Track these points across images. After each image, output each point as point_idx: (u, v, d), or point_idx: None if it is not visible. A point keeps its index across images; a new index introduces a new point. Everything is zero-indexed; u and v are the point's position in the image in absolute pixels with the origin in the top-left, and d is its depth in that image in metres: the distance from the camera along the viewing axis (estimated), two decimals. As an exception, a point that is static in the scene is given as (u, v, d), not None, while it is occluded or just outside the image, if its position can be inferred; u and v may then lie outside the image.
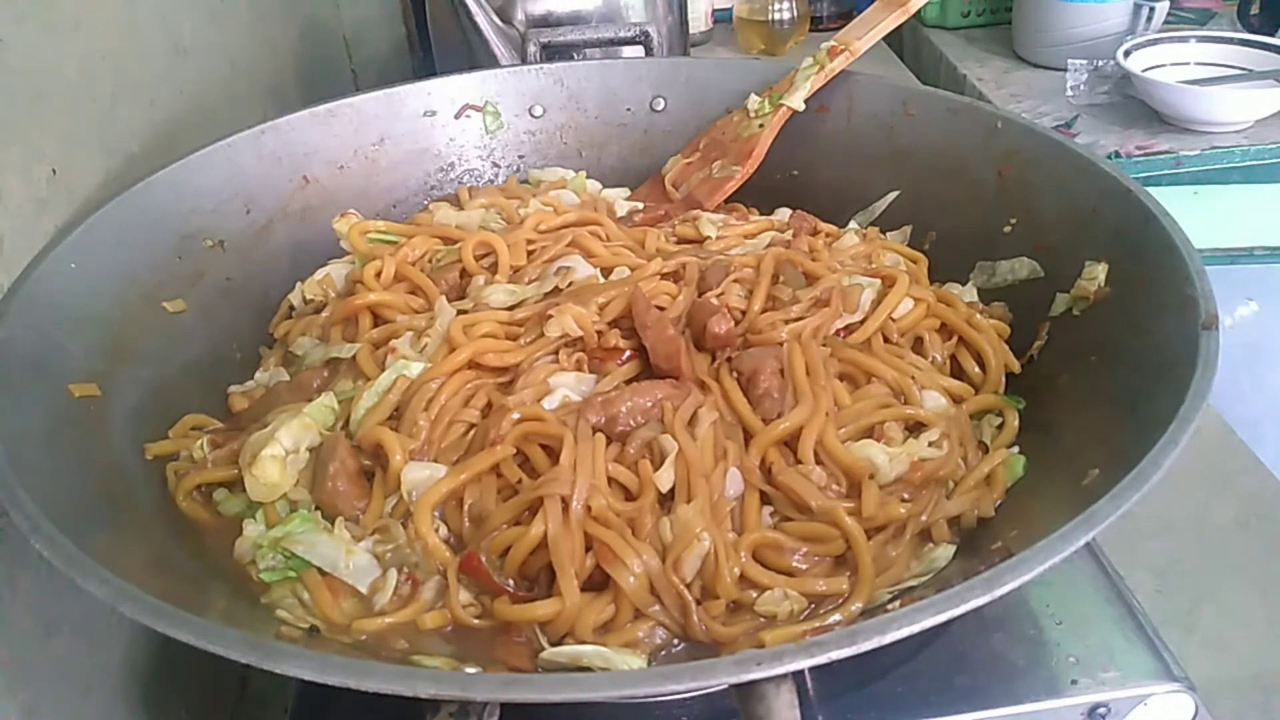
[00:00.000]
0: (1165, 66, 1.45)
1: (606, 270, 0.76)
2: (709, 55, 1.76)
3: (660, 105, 0.99)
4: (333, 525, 0.60)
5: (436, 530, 0.60)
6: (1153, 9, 1.55)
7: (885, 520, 0.60)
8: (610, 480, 0.60)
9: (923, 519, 0.60)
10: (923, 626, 0.41)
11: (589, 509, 0.57)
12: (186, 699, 0.74)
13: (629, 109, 0.99)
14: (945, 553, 0.60)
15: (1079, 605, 0.64)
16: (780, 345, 0.68)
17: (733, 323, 0.69)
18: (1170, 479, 0.47)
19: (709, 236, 0.84)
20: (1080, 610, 0.63)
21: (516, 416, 0.63)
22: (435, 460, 0.63)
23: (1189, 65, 1.46)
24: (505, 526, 0.59)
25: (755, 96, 0.94)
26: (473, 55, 1.10)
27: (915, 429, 0.66)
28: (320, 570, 0.58)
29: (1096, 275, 0.68)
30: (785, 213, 0.91)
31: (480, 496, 0.61)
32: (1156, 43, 1.47)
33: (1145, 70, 1.40)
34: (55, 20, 0.74)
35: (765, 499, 0.62)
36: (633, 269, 0.76)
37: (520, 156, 1.00)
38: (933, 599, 0.42)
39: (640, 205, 0.93)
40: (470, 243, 0.78)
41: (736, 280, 0.74)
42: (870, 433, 0.65)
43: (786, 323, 0.70)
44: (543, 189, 0.93)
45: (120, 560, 0.49)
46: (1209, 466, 0.89)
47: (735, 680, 0.41)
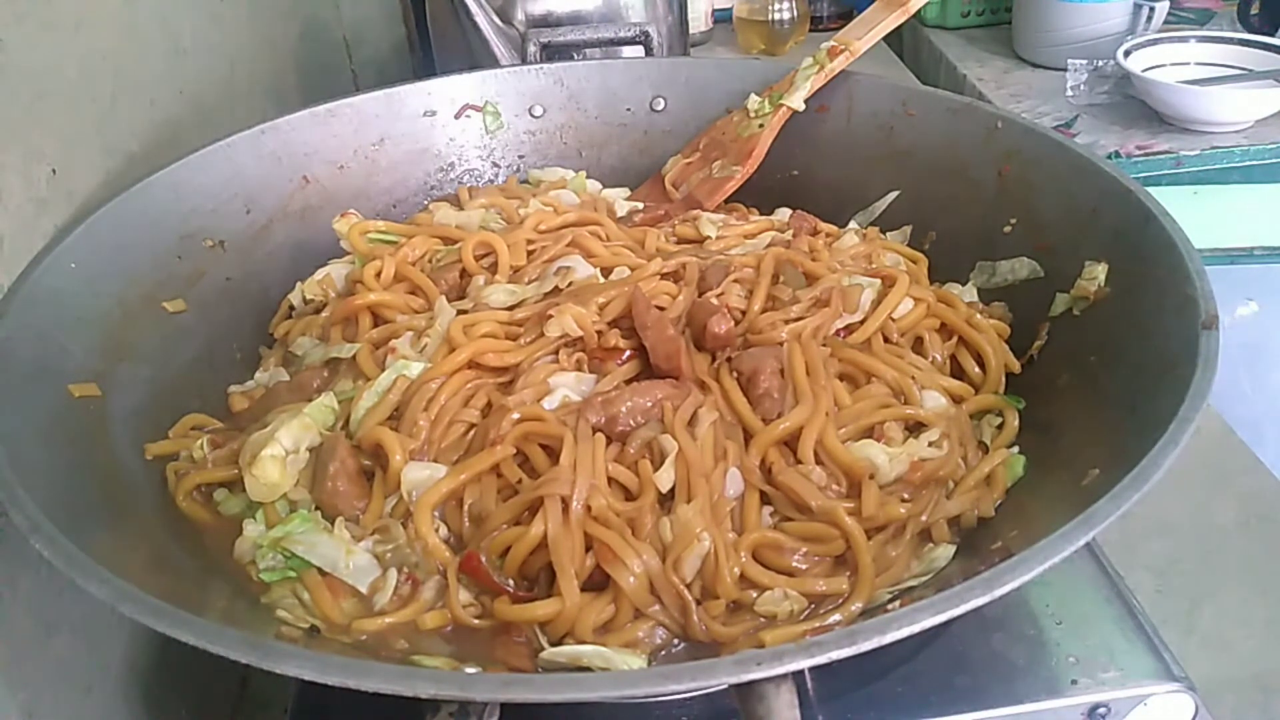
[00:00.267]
0: (1165, 66, 1.45)
1: (606, 270, 0.76)
2: (709, 55, 1.76)
3: (660, 105, 0.99)
4: (333, 525, 0.60)
5: (436, 530, 0.60)
6: (1153, 9, 1.55)
7: (885, 520, 0.60)
8: (610, 480, 0.60)
9: (923, 519, 0.60)
10: (923, 626, 0.41)
11: (589, 509, 0.57)
12: (186, 699, 0.74)
13: (629, 109, 0.99)
14: (945, 553, 0.60)
15: (1079, 605, 0.64)
16: (780, 345, 0.68)
17: (733, 323, 0.69)
18: (1170, 479, 0.47)
19: (709, 236, 0.84)
20: (1080, 610, 0.63)
21: (516, 416, 0.63)
22: (435, 460, 0.63)
23: (1189, 65, 1.46)
24: (505, 526, 0.59)
25: (755, 96, 0.94)
26: (473, 55, 1.10)
27: (915, 429, 0.66)
28: (320, 570, 0.58)
29: (1096, 275, 0.68)
30: (785, 213, 0.91)
31: (480, 496, 0.61)
32: (1156, 43, 1.47)
33: (1145, 70, 1.40)
34: (55, 20, 0.74)
35: (765, 499, 0.62)
36: (633, 269, 0.76)
37: (520, 156, 1.00)
38: (933, 599, 0.42)
39: (640, 205, 0.93)
40: (470, 243, 0.78)
41: (736, 280, 0.74)
42: (870, 433, 0.65)
43: (786, 323, 0.70)
44: (543, 189, 0.93)
45: (120, 560, 0.49)
46: (1209, 466, 0.89)
47: (735, 680, 0.41)
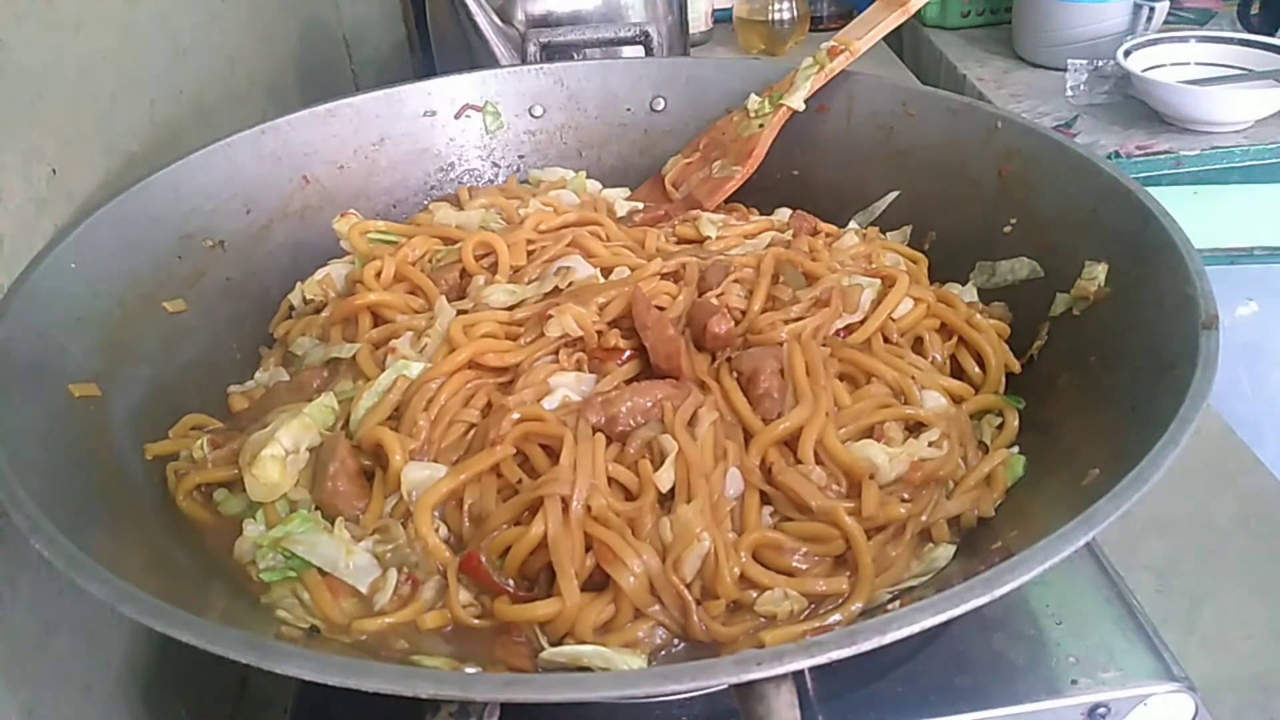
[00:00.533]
0: (1165, 66, 1.45)
1: (606, 270, 0.76)
2: (709, 55, 1.76)
3: (660, 105, 0.99)
4: (333, 525, 0.60)
5: (436, 530, 0.60)
6: (1153, 9, 1.55)
7: (885, 520, 0.60)
8: (610, 480, 0.60)
9: (923, 519, 0.60)
10: (923, 626, 0.41)
11: (589, 509, 0.57)
12: (186, 699, 0.74)
13: (629, 109, 0.99)
14: (945, 553, 0.60)
15: (1079, 605, 0.64)
16: (780, 345, 0.68)
17: (733, 323, 0.69)
18: (1170, 479, 0.47)
19: (709, 236, 0.84)
20: (1080, 610, 0.63)
21: (516, 416, 0.63)
22: (435, 460, 0.63)
23: (1189, 65, 1.46)
24: (505, 526, 0.59)
25: (755, 96, 0.94)
26: (473, 55, 1.10)
27: (915, 429, 0.66)
28: (320, 570, 0.58)
29: (1096, 275, 0.68)
30: (785, 213, 0.91)
31: (480, 496, 0.61)
32: (1156, 43, 1.47)
33: (1145, 70, 1.40)
34: (55, 20, 0.74)
35: (765, 499, 0.62)
36: (633, 269, 0.76)
37: (520, 156, 1.00)
38: (933, 599, 0.42)
39: (640, 205, 0.93)
40: (470, 243, 0.78)
41: (736, 280, 0.74)
42: (870, 433, 0.65)
43: (786, 323, 0.70)
44: (543, 189, 0.93)
45: (120, 560, 0.49)
46: (1209, 466, 0.89)
47: (735, 680, 0.41)
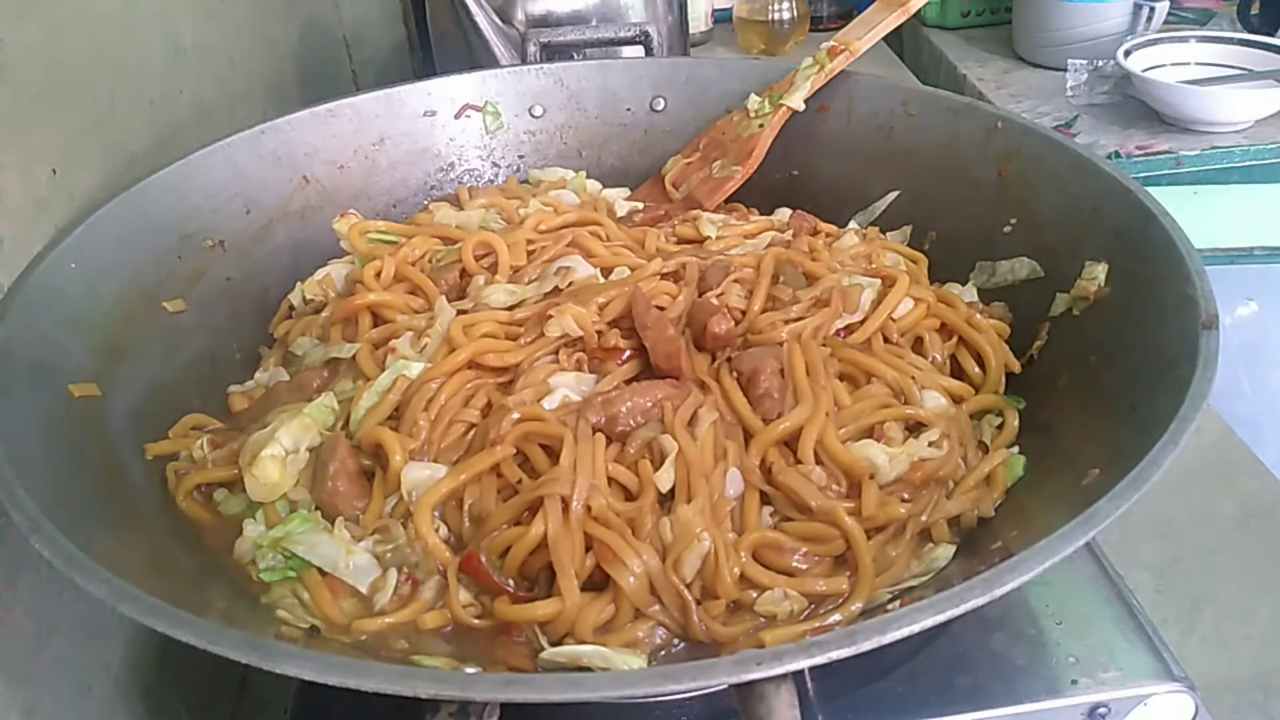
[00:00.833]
0: (1165, 66, 1.45)
1: (606, 270, 0.76)
2: (709, 55, 1.76)
3: (660, 105, 0.99)
4: (333, 525, 0.60)
5: (436, 530, 0.60)
6: (1153, 9, 1.55)
7: (885, 520, 0.60)
8: (610, 480, 0.60)
9: (923, 519, 0.60)
10: (923, 626, 0.41)
11: (589, 509, 0.57)
12: (186, 699, 0.74)
13: (629, 109, 0.99)
14: (945, 553, 0.60)
15: (1079, 605, 0.64)
16: (780, 345, 0.68)
17: (733, 323, 0.69)
18: (1170, 479, 0.47)
19: (709, 236, 0.84)
20: (1080, 610, 0.63)
21: (516, 416, 0.63)
22: (435, 460, 0.63)
23: (1189, 65, 1.46)
24: (505, 526, 0.59)
25: (755, 96, 0.94)
26: (473, 55, 1.10)
27: (915, 429, 0.66)
28: (320, 570, 0.58)
29: (1096, 275, 0.68)
30: (785, 213, 0.91)
31: (480, 496, 0.61)
32: (1156, 43, 1.47)
33: (1145, 70, 1.40)
34: (55, 20, 0.74)
35: (765, 499, 0.62)
36: (633, 269, 0.76)
37: (520, 156, 1.00)
38: (933, 599, 0.42)
39: (640, 205, 0.93)
40: (470, 243, 0.78)
41: (736, 280, 0.74)
42: (870, 433, 0.64)
43: (786, 323, 0.70)
44: (543, 189, 0.93)
45: (120, 560, 0.49)
46: (1209, 466, 0.89)
47: (735, 680, 0.41)
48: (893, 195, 0.89)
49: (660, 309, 0.71)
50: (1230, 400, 1.04)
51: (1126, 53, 1.43)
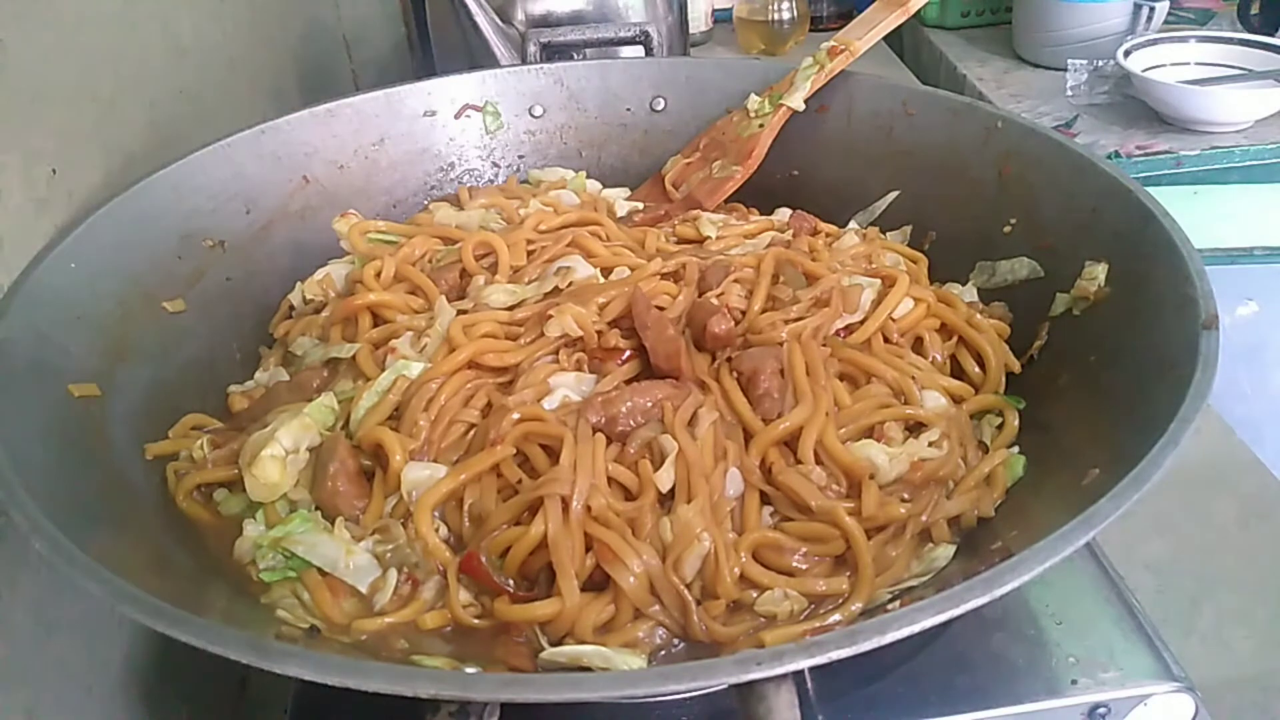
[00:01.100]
0: (1165, 66, 1.45)
1: (606, 270, 0.76)
2: (709, 55, 1.76)
3: (660, 105, 0.99)
4: (333, 525, 0.60)
5: (436, 530, 0.60)
6: (1153, 9, 1.55)
7: (885, 520, 0.60)
8: (610, 480, 0.60)
9: (923, 519, 0.60)
10: (923, 626, 0.41)
11: (589, 509, 0.57)
12: (186, 699, 0.74)
13: (629, 109, 0.99)
14: (945, 553, 0.60)
15: (1079, 605, 0.64)
16: (780, 345, 0.68)
17: (733, 323, 0.69)
18: (1170, 479, 0.47)
19: (709, 236, 0.84)
20: (1080, 610, 0.63)
21: (516, 416, 0.63)
22: (435, 460, 0.63)
23: (1189, 65, 1.46)
24: (505, 526, 0.59)
25: (755, 96, 0.94)
26: (473, 55, 1.10)
27: (915, 429, 0.66)
28: (320, 570, 0.58)
29: (1096, 275, 0.68)
30: (785, 213, 0.91)
31: (480, 496, 0.61)
32: (1156, 43, 1.47)
33: (1145, 70, 1.40)
34: (55, 20, 0.74)
35: (765, 499, 0.62)
36: (633, 269, 0.76)
37: (520, 156, 1.00)
38: (933, 599, 0.42)
39: (640, 205, 0.93)
40: (470, 243, 0.78)
41: (736, 280, 0.74)
42: (870, 433, 0.65)
43: (786, 323, 0.70)
44: (543, 189, 0.93)
45: (120, 560, 0.49)
46: (1209, 466, 0.89)
47: (735, 680, 0.41)
48: (893, 195, 0.89)
49: (660, 309, 0.71)
50: (1230, 400, 1.04)
51: (1126, 53, 1.43)
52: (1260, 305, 1.41)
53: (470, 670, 0.54)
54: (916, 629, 0.41)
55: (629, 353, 0.69)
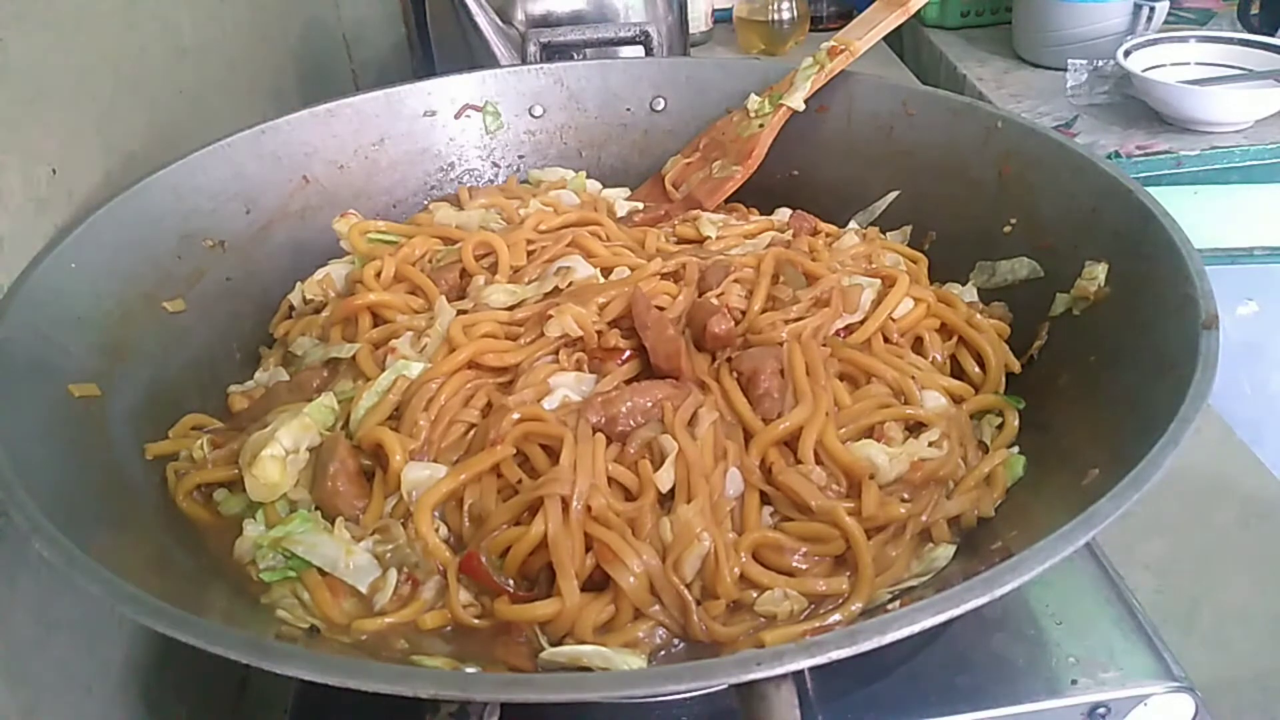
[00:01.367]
0: (1165, 66, 1.45)
1: (606, 270, 0.76)
2: (709, 55, 1.76)
3: (660, 105, 0.99)
4: (333, 525, 0.60)
5: (436, 530, 0.60)
6: (1153, 9, 1.55)
7: (885, 520, 0.60)
8: (610, 480, 0.60)
9: (923, 519, 0.60)
10: (923, 626, 0.41)
11: (589, 509, 0.57)
12: (186, 699, 0.74)
13: (629, 109, 0.99)
14: (945, 553, 0.60)
15: (1079, 605, 0.64)
16: (780, 345, 0.68)
17: (733, 323, 0.69)
18: (1170, 479, 0.47)
19: (709, 236, 0.84)
20: (1080, 610, 0.63)
21: (516, 416, 0.63)
22: (435, 460, 0.63)
23: (1189, 65, 1.45)
24: (505, 526, 0.59)
25: (755, 96, 0.94)
26: (473, 55, 1.10)
27: (915, 429, 0.66)
28: (320, 570, 0.58)
29: (1096, 275, 0.68)
30: (785, 213, 0.91)
31: (480, 496, 0.61)
32: (1156, 43, 1.47)
33: (1145, 70, 1.40)
34: (55, 20, 0.74)
35: (765, 499, 0.62)
36: (633, 269, 0.76)
37: (520, 156, 1.00)
38: (933, 599, 0.42)
39: (640, 205, 0.93)
40: (470, 243, 0.78)
41: (736, 280, 0.74)
42: (870, 433, 0.64)
43: (786, 323, 0.70)
44: (543, 189, 0.93)
45: (120, 560, 0.49)
46: (1209, 466, 0.89)
47: (735, 680, 0.41)
48: (893, 195, 0.89)
49: (660, 309, 0.71)
50: (1230, 400, 1.04)
51: (1126, 53, 1.43)
52: (1260, 305, 1.41)
53: (470, 670, 0.54)
54: (916, 629, 0.41)
55: (629, 353, 0.69)
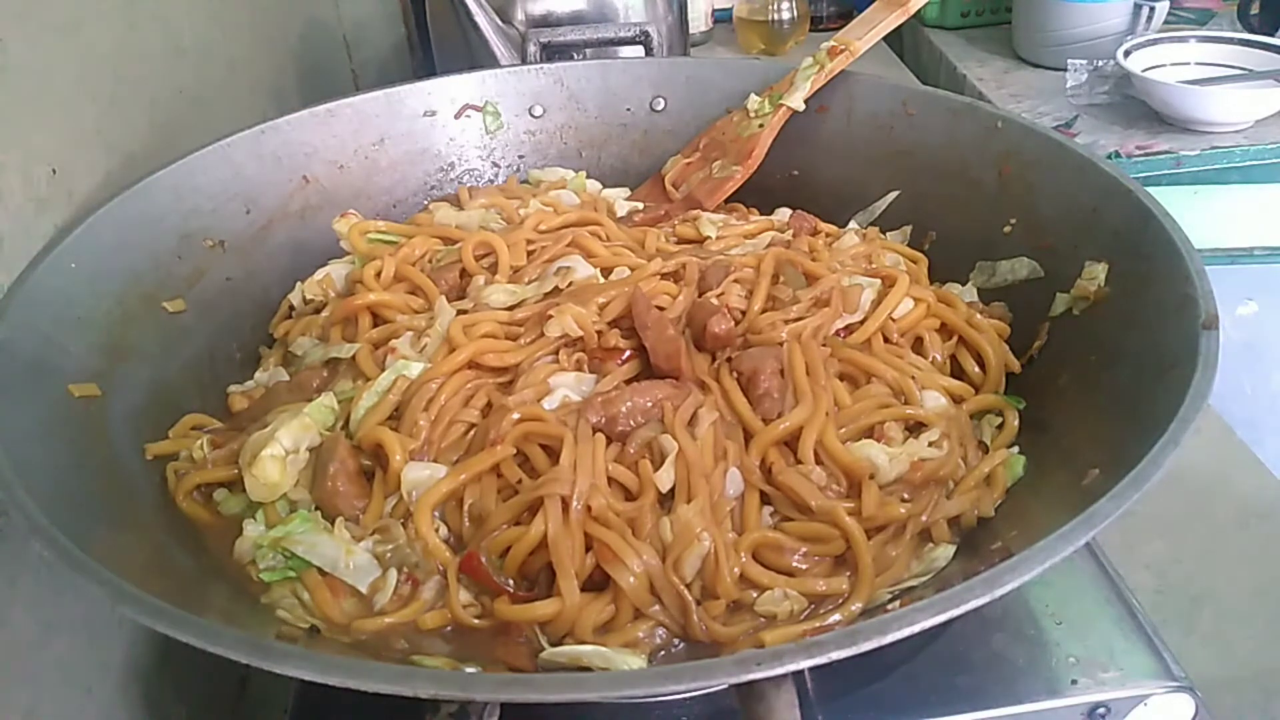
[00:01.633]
0: (1165, 66, 1.45)
1: (606, 270, 0.76)
2: (709, 55, 1.76)
3: (660, 105, 0.99)
4: (333, 525, 0.60)
5: (436, 530, 0.60)
6: (1153, 9, 1.55)
7: (885, 520, 0.60)
8: (610, 480, 0.60)
9: (923, 519, 0.60)
10: (923, 626, 0.41)
11: (589, 509, 0.57)
12: (186, 699, 0.74)
13: (629, 109, 0.99)
14: (945, 553, 0.60)
15: (1079, 605, 0.64)
16: (780, 345, 0.68)
17: (733, 323, 0.69)
18: (1170, 479, 0.47)
19: (709, 236, 0.84)
20: (1080, 610, 0.63)
21: (516, 416, 0.63)
22: (435, 460, 0.63)
23: (1189, 65, 1.45)
24: (505, 526, 0.59)
25: (755, 96, 0.94)
26: (473, 55, 1.10)
27: (915, 429, 0.66)
28: (320, 570, 0.58)
29: (1096, 275, 0.68)
30: (785, 213, 0.91)
31: (480, 496, 0.61)
32: (1156, 43, 1.47)
33: (1145, 70, 1.40)
34: (55, 20, 0.74)
35: (765, 499, 0.62)
36: (633, 269, 0.76)
37: (520, 156, 1.00)
38: (933, 599, 0.42)
39: (640, 205, 0.93)
40: (470, 243, 0.78)
41: (736, 280, 0.74)
42: (870, 433, 0.64)
43: (786, 323, 0.70)
44: (543, 189, 0.93)
45: (120, 560, 0.49)
46: (1209, 466, 0.89)
47: (735, 680, 0.41)
48: (893, 195, 0.89)
49: (660, 309, 0.71)
50: (1230, 400, 1.04)
51: (1126, 53, 1.43)
52: (1260, 305, 1.41)
53: (470, 670, 0.54)
54: (916, 629, 0.41)
55: (629, 353, 0.69)
